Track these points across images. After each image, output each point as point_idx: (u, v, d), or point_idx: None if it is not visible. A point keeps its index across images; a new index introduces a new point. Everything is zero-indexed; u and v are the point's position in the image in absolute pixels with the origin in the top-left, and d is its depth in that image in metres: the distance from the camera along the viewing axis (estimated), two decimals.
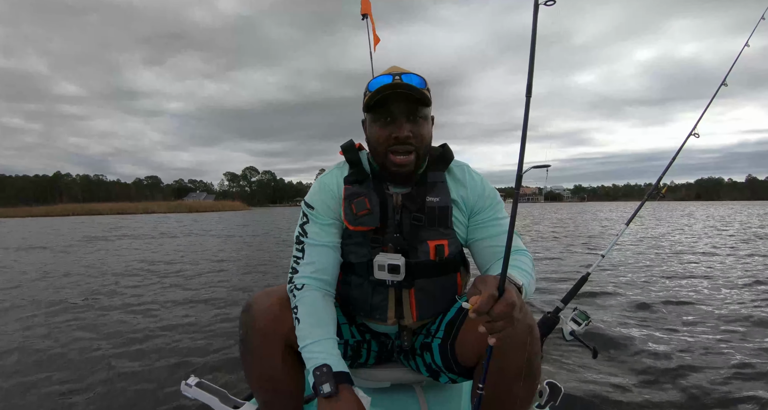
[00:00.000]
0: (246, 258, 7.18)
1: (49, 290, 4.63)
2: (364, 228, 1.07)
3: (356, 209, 1.06)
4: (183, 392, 1.17)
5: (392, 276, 1.05)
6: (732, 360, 2.36)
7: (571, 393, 1.96)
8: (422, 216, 1.07)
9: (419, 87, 1.02)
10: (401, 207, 1.08)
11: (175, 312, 3.40)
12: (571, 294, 1.73)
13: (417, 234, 1.07)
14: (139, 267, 6.14)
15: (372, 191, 1.08)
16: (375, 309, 1.10)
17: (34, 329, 3.10)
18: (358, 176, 1.11)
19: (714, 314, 3.33)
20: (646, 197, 1.92)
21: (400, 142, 1.02)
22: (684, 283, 4.57)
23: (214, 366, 2.28)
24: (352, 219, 1.07)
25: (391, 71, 1.05)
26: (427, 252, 1.07)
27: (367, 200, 1.06)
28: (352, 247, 1.11)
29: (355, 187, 1.09)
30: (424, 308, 1.10)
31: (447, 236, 1.09)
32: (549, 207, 55.26)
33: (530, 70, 0.74)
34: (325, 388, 0.89)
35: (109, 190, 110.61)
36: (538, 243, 9.02)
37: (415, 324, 1.12)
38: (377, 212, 1.06)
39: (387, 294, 1.10)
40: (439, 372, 1.11)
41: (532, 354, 0.93)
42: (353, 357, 1.15)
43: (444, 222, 1.08)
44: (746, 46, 1.95)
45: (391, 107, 1.02)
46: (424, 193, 1.09)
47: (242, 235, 12.51)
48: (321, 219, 1.11)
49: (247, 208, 68.78)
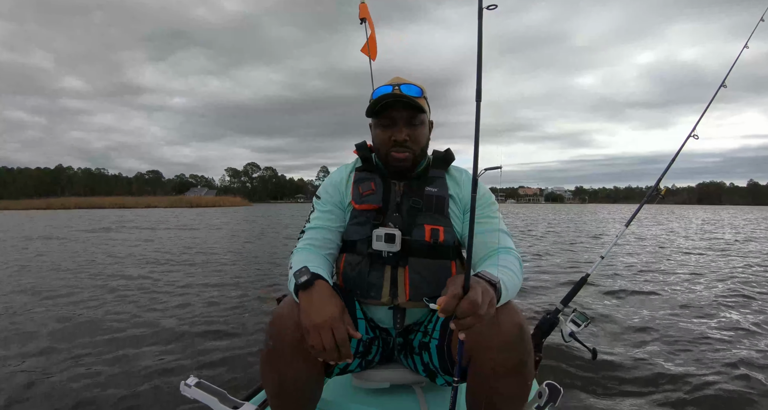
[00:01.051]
0: (246, 256, 7.19)
1: (48, 286, 4.64)
2: (367, 206, 1.19)
3: (362, 190, 1.22)
4: (182, 392, 1.17)
5: (388, 246, 1.13)
6: (732, 360, 2.36)
7: (571, 394, 1.96)
8: (420, 201, 1.19)
9: (416, 96, 1.17)
10: (402, 193, 1.22)
11: (175, 312, 3.39)
12: (570, 295, 1.72)
13: (415, 216, 1.18)
14: (139, 266, 6.15)
15: (378, 177, 1.24)
16: (371, 286, 1.16)
17: (31, 327, 3.08)
18: (368, 166, 1.28)
19: (714, 315, 3.33)
20: (646, 198, 1.91)
21: (398, 144, 1.17)
22: (684, 284, 4.57)
23: (214, 366, 2.28)
24: (357, 198, 1.21)
25: (392, 82, 1.20)
26: (422, 234, 1.16)
27: (373, 183, 1.22)
28: (356, 227, 1.20)
29: (364, 174, 1.26)
30: (416, 288, 1.14)
31: (443, 223, 1.18)
32: (548, 209, 55.23)
33: (478, 73, 0.80)
34: (302, 279, 0.98)
35: (110, 184, 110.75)
36: (538, 246, 9.02)
37: (407, 303, 1.16)
38: (380, 193, 1.21)
39: (383, 272, 1.16)
40: (437, 373, 1.14)
41: (523, 353, 0.93)
42: (364, 353, 1.17)
43: (440, 210, 1.19)
44: (745, 48, 1.95)
45: (391, 114, 1.18)
46: (424, 183, 1.23)
47: (246, 229, 12.53)
48: (322, 206, 1.25)
49: (248, 204, 68.78)
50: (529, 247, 8.37)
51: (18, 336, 2.79)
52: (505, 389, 0.96)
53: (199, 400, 1.15)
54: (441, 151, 1.32)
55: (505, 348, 0.92)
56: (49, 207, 43.61)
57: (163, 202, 55.50)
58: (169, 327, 2.95)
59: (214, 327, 2.97)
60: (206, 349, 2.53)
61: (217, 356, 2.43)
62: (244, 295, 3.98)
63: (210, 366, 2.29)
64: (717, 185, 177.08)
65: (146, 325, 2.98)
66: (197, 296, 3.94)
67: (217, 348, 2.56)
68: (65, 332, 2.86)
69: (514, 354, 0.93)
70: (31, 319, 3.17)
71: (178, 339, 2.71)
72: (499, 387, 0.95)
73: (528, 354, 0.95)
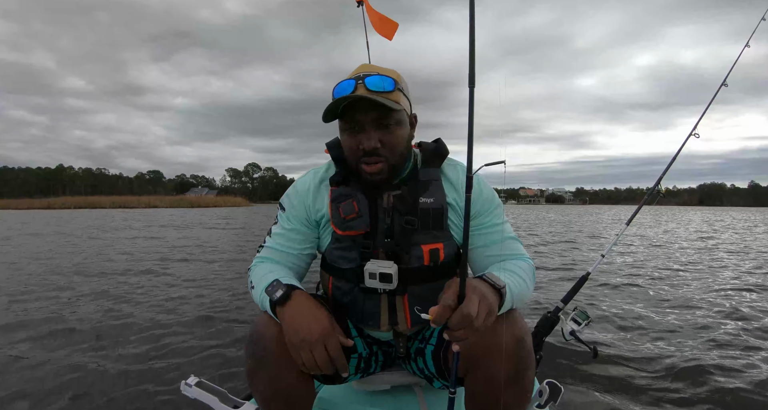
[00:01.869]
0: (246, 253, 7.19)
1: (47, 283, 4.63)
2: (352, 232, 1.01)
3: (344, 212, 0.99)
4: (183, 392, 1.16)
5: (384, 285, 0.98)
6: (734, 357, 2.36)
7: (571, 392, 1.96)
8: (415, 220, 0.99)
9: (388, 89, 0.92)
10: (392, 209, 1.01)
11: (175, 311, 3.37)
12: (571, 293, 1.73)
13: (409, 238, 1.00)
14: (138, 264, 6.15)
15: (360, 193, 1.01)
16: (367, 316, 1.05)
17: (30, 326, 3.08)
18: (343, 173, 1.04)
19: (715, 313, 3.33)
20: (646, 197, 1.92)
21: (368, 153, 0.94)
22: (685, 283, 4.56)
23: (214, 366, 2.27)
24: (340, 224, 1.01)
25: (355, 73, 0.95)
26: (420, 257, 1.00)
27: (355, 203, 0.99)
28: (342, 252, 1.04)
29: (341, 189, 1.02)
30: (418, 314, 1.08)
31: (442, 239, 1.02)
32: (546, 210, 55.16)
33: (471, 59, 0.69)
34: (277, 294, 0.89)
35: (111, 184, 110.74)
36: (538, 245, 9.02)
37: (410, 330, 1.08)
38: (366, 215, 0.99)
39: (379, 302, 1.04)
40: (432, 378, 1.09)
41: (523, 366, 0.88)
42: (364, 369, 1.12)
43: (438, 225, 1.00)
44: (747, 47, 1.96)
45: (356, 116, 0.93)
46: (416, 192, 1.01)
47: (242, 226, 12.52)
48: (286, 224, 1.07)
49: (248, 204, 68.74)
50: (528, 245, 8.37)
51: (5, 333, 2.78)
52: (501, 400, 0.90)
53: (199, 400, 1.15)
54: (430, 143, 1.10)
55: (504, 360, 0.86)
56: (50, 206, 43.63)
57: (164, 201, 55.45)
58: (170, 326, 2.94)
59: (215, 326, 2.96)
60: (207, 349, 2.52)
61: (218, 356, 2.42)
62: (246, 293, 3.97)
63: (210, 366, 2.28)
64: (718, 187, 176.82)
65: (146, 324, 2.97)
66: (197, 295, 3.94)
67: (218, 347, 2.55)
68: (65, 329, 2.85)
69: (511, 366, 0.87)
70: (27, 314, 3.16)
71: (178, 338, 2.70)
72: (497, 397, 0.90)
73: (527, 366, 0.89)
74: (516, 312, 0.91)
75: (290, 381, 0.92)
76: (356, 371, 1.08)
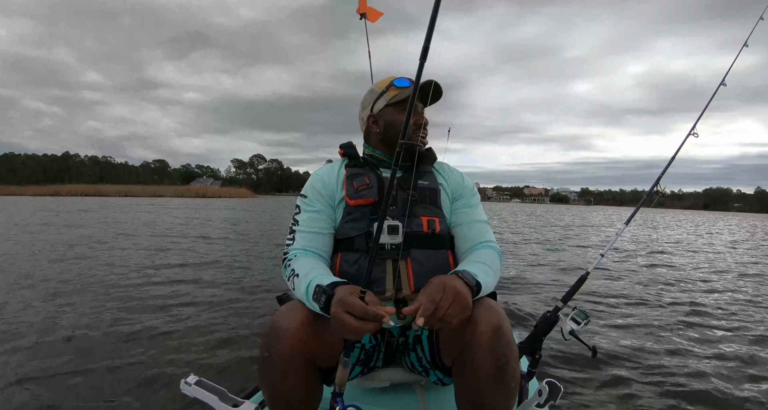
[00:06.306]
0: (247, 252, 7.21)
1: (47, 281, 4.66)
2: (363, 201, 1.18)
3: (357, 184, 1.20)
4: (182, 390, 1.17)
5: (391, 237, 1.12)
6: (733, 358, 2.37)
7: (571, 392, 1.98)
8: (416, 194, 1.21)
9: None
10: (396, 186, 1.20)
11: (175, 310, 3.33)
12: (570, 293, 1.73)
13: (411, 208, 1.18)
14: (138, 263, 6.15)
15: (370, 172, 1.24)
16: (374, 281, 1.12)
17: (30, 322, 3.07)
18: (357, 163, 1.28)
19: (713, 314, 3.33)
20: (645, 197, 1.92)
21: (423, 127, 1.24)
22: (685, 283, 4.56)
23: (214, 365, 2.27)
24: (352, 193, 1.19)
25: (405, 78, 1.26)
26: (420, 225, 1.18)
27: (367, 178, 1.21)
28: (351, 224, 1.18)
29: (356, 169, 1.25)
30: (420, 278, 1.13)
31: (437, 215, 1.22)
32: (548, 210, 54.87)
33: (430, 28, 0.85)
34: (323, 299, 0.92)
35: (117, 173, 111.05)
36: (538, 245, 9.00)
37: (412, 295, 1.13)
38: (375, 186, 1.20)
39: (384, 267, 1.14)
40: (429, 369, 1.15)
41: (504, 356, 0.91)
42: (365, 361, 1.17)
43: (434, 201, 1.23)
44: (745, 46, 1.95)
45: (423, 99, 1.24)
46: (415, 177, 1.24)
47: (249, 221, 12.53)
48: (311, 207, 1.21)
49: (253, 196, 68.67)
50: (528, 245, 8.37)
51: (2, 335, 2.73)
52: (489, 395, 0.93)
53: (199, 398, 1.15)
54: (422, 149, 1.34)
55: (483, 351, 0.90)
56: (56, 193, 43.80)
57: (170, 191, 55.50)
58: (169, 325, 2.92)
59: (215, 325, 2.93)
60: (207, 347, 2.51)
61: (218, 354, 2.42)
62: (246, 293, 3.97)
63: (210, 365, 2.27)
64: (724, 191, 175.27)
65: (145, 323, 2.93)
66: (198, 294, 3.90)
67: (218, 346, 2.54)
68: (64, 329, 2.80)
69: (490, 356, 0.90)
70: (28, 311, 3.17)
71: (178, 337, 2.67)
72: (483, 392, 0.93)
73: (508, 358, 0.91)
74: (489, 300, 0.99)
75: (296, 379, 0.98)
76: (357, 361, 1.14)
